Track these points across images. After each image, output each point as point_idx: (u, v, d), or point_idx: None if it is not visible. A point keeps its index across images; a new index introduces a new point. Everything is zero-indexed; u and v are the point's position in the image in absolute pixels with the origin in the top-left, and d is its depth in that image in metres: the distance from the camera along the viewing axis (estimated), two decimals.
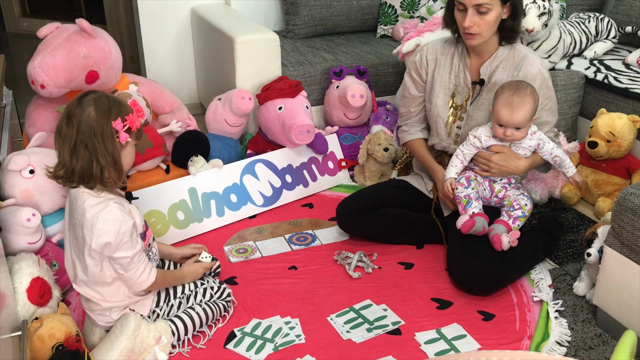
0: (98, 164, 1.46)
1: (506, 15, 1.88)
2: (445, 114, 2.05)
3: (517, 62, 1.95)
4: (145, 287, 1.60)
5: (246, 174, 2.41)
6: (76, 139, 1.45)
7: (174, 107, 2.61)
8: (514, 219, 1.93)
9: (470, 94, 2.01)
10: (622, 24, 3.02)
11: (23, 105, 2.58)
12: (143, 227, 1.61)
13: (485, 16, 1.83)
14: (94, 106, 1.45)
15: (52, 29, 2.23)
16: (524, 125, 1.86)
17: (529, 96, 1.84)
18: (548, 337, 1.75)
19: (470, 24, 1.84)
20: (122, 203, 1.54)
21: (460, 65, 2.01)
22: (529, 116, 1.85)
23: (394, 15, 3.30)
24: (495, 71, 1.97)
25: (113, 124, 1.46)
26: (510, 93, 1.84)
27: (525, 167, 1.94)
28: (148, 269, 1.58)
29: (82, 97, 1.48)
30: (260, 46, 2.63)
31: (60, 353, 1.46)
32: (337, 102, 2.70)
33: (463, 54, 2.01)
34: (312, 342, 1.72)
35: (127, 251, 1.51)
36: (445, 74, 2.04)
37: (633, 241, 1.58)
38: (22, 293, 1.58)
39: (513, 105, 1.83)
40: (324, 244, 2.21)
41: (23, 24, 5.05)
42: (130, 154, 1.56)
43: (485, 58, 1.98)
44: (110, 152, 1.47)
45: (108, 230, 1.47)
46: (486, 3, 1.81)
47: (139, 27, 3.20)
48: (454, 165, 1.99)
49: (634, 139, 2.35)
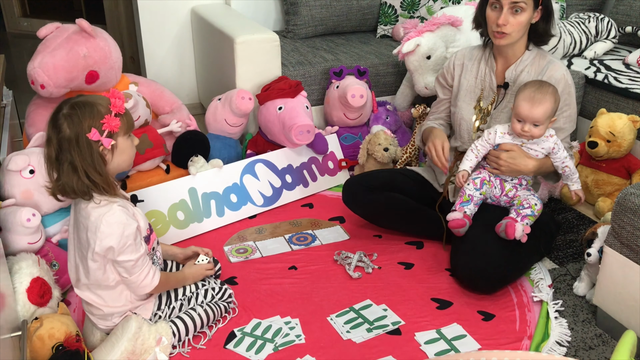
0: (84, 178, 1.44)
1: (536, 18, 1.92)
2: (470, 117, 2.09)
3: (542, 66, 1.98)
4: (149, 290, 1.59)
5: (246, 174, 2.42)
6: (58, 158, 1.45)
7: (174, 107, 2.61)
8: (523, 217, 1.92)
9: (495, 97, 2.04)
10: (622, 24, 3.02)
11: (23, 105, 2.58)
12: (147, 230, 1.60)
13: (518, 16, 1.86)
14: (66, 123, 1.43)
15: (52, 29, 2.23)
16: (542, 122, 1.86)
17: (551, 94, 1.85)
18: (548, 337, 1.75)
19: (504, 22, 1.87)
20: (126, 206, 1.53)
21: (487, 69, 2.05)
22: (548, 114, 1.86)
23: (394, 15, 3.30)
24: (520, 75, 2.00)
25: (89, 136, 1.43)
26: (533, 89, 1.86)
27: (534, 167, 1.94)
28: (152, 273, 1.58)
29: (56, 113, 1.46)
30: (260, 46, 2.63)
31: (61, 353, 1.46)
32: (337, 102, 2.70)
33: (490, 58, 2.05)
34: (312, 342, 1.72)
35: (131, 254, 1.51)
36: (472, 78, 2.09)
37: (633, 241, 1.58)
38: (22, 293, 1.58)
39: (534, 100, 1.84)
40: (324, 244, 2.21)
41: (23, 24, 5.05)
42: (125, 149, 1.53)
43: (512, 62, 2.01)
44: (92, 165, 1.44)
45: (112, 234, 1.46)
46: (522, 1, 1.84)
47: (139, 27, 3.20)
48: (469, 159, 2.01)
49: (634, 139, 2.35)
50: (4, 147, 2.03)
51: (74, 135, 1.43)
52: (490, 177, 2.02)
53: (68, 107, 1.45)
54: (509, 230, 1.86)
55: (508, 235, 1.86)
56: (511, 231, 1.86)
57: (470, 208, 1.98)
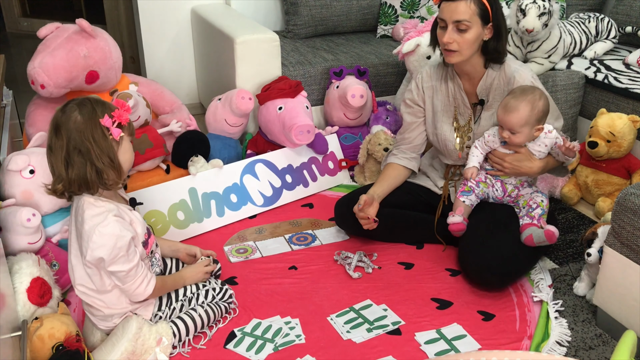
0: (94, 167, 1.44)
1: (488, 36, 1.90)
2: (452, 137, 2.08)
3: (508, 77, 1.97)
4: (143, 298, 1.58)
5: (246, 174, 2.41)
6: (68, 147, 1.43)
7: (174, 107, 2.61)
8: (538, 218, 1.93)
9: (472, 114, 2.04)
10: (622, 24, 3.02)
11: (23, 105, 2.58)
12: (145, 235, 1.60)
13: (464, 34, 1.85)
14: (78, 111, 1.44)
15: (52, 29, 2.23)
16: (517, 130, 1.87)
17: (526, 102, 1.85)
18: (548, 337, 1.75)
19: (449, 40, 1.87)
20: (122, 215, 1.52)
21: (454, 87, 2.04)
22: (524, 121, 1.86)
23: (394, 15, 3.30)
24: (490, 88, 2.00)
25: (101, 121, 1.44)
26: (510, 96, 1.88)
27: (539, 168, 1.95)
28: (146, 281, 1.56)
29: (64, 106, 1.47)
30: (260, 46, 2.63)
31: (61, 353, 1.46)
32: (337, 102, 2.70)
33: (455, 76, 2.04)
34: (312, 342, 1.72)
35: (123, 265, 1.49)
36: (444, 98, 2.08)
37: (633, 241, 1.58)
38: (22, 293, 1.58)
39: (507, 107, 1.87)
40: (324, 244, 2.21)
41: (23, 24, 5.05)
42: (127, 150, 1.53)
43: (476, 80, 2.01)
44: (105, 151, 1.45)
45: (103, 245, 1.45)
46: (465, 20, 1.83)
47: (139, 27, 3.20)
48: (475, 155, 2.01)
49: (634, 139, 2.35)
50: (4, 147, 2.03)
51: (87, 119, 1.43)
52: (487, 179, 2.02)
53: (77, 101, 1.47)
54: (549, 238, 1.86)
55: (550, 242, 1.87)
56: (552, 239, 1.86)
57: (470, 198, 2.00)
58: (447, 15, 1.86)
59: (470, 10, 1.83)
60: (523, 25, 2.55)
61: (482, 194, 2.03)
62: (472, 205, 2.02)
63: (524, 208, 1.97)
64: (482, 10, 1.84)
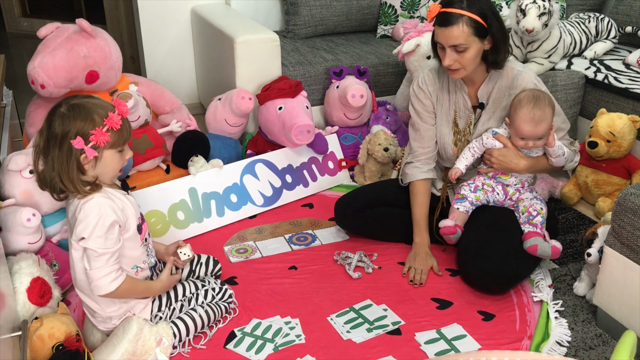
0: (57, 179, 1.45)
1: (489, 46, 1.89)
2: (451, 140, 2.07)
3: (510, 79, 1.96)
4: (102, 293, 1.49)
5: (246, 174, 2.41)
6: (44, 151, 1.46)
7: (174, 107, 2.61)
8: (540, 226, 1.93)
9: (472, 117, 2.04)
10: (622, 24, 3.02)
11: (23, 105, 2.58)
12: (139, 219, 1.59)
13: (464, 54, 1.85)
14: (58, 122, 1.43)
15: (52, 29, 2.23)
16: (546, 134, 1.89)
17: (549, 106, 1.86)
18: (548, 337, 1.75)
19: (450, 63, 1.86)
20: (112, 198, 1.51)
21: (457, 91, 2.03)
22: (550, 125, 1.88)
23: (394, 15, 3.30)
24: (492, 92, 2.00)
25: (72, 142, 1.42)
26: (530, 107, 1.85)
27: (525, 166, 1.95)
28: (114, 275, 1.50)
29: (55, 108, 1.46)
30: (260, 46, 2.63)
31: (61, 353, 1.46)
32: (337, 102, 2.70)
33: (457, 80, 2.02)
34: (312, 342, 1.72)
35: (97, 243, 1.45)
36: (445, 101, 2.07)
37: (633, 241, 1.58)
38: (22, 293, 1.58)
39: (535, 119, 1.85)
40: (324, 244, 2.21)
41: (23, 24, 5.05)
42: (108, 164, 1.50)
43: (478, 84, 2.00)
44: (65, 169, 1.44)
45: (87, 216, 1.46)
46: (461, 44, 1.82)
47: (139, 27, 3.20)
48: (465, 157, 2.01)
49: (634, 139, 2.35)
50: (4, 147, 2.03)
51: (60, 135, 1.43)
52: (484, 185, 2.03)
53: (66, 107, 1.45)
54: (554, 255, 1.88)
55: (553, 257, 1.90)
56: (556, 255, 1.89)
57: (465, 205, 2.01)
58: (443, 40, 1.85)
59: (464, 33, 1.80)
60: (523, 26, 2.55)
61: (478, 201, 2.03)
62: (467, 212, 2.02)
63: (523, 214, 1.97)
64: (477, 28, 1.81)
